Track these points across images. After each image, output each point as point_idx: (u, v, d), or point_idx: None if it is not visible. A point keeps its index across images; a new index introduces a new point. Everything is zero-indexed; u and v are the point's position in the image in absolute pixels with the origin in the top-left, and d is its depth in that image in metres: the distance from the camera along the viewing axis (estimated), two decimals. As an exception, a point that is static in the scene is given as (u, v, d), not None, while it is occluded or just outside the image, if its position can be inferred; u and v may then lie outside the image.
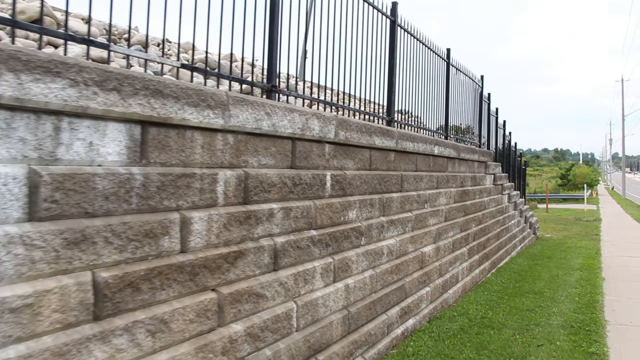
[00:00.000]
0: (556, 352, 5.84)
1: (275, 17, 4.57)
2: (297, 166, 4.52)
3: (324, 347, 4.60)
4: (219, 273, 3.52)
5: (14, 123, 2.41)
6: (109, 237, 2.79)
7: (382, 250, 5.90)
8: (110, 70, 2.78)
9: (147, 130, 3.07)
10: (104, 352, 2.71)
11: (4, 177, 2.35)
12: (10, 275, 2.35)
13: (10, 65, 2.33)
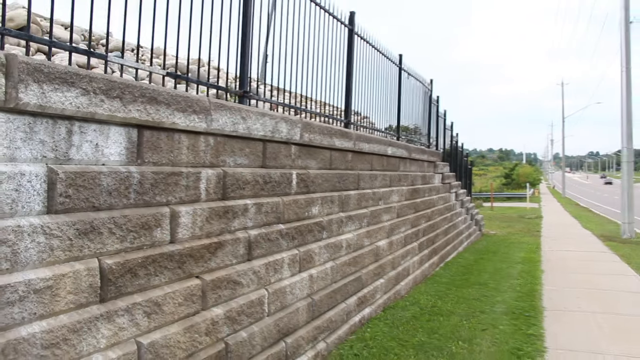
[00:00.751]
0: (499, 334, 6.54)
1: (247, 31, 5.02)
2: (267, 165, 4.99)
3: (292, 331, 5.10)
4: (202, 262, 3.96)
5: (35, 127, 2.80)
6: (112, 228, 3.20)
7: (342, 244, 6.44)
8: (114, 80, 3.19)
9: (142, 133, 3.48)
10: (109, 330, 3.11)
11: (28, 174, 2.73)
12: (34, 260, 2.74)
13: (35, 77, 2.72)
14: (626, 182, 17.97)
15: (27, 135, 2.76)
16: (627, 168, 17.94)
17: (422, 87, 12.53)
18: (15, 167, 2.67)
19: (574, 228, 21.63)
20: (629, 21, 17.59)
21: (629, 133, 17.90)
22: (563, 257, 13.30)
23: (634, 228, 18.03)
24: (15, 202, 2.67)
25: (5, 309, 2.56)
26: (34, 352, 2.66)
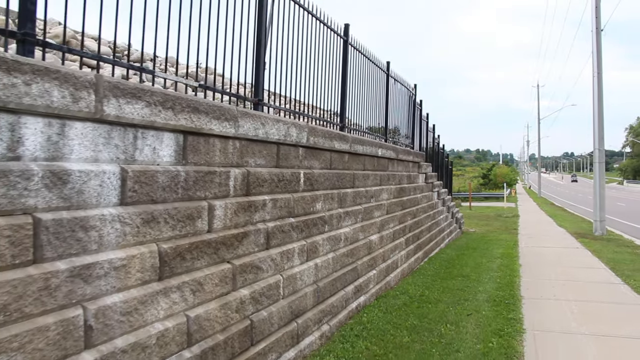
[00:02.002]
0: (482, 319, 7.29)
1: (261, 47, 5.68)
2: (280, 166, 5.66)
3: (301, 313, 5.77)
4: (232, 249, 4.61)
5: (112, 134, 3.43)
6: (167, 218, 3.84)
7: (340, 237, 7.13)
8: (168, 94, 3.83)
9: (187, 138, 4.13)
10: (166, 303, 3.76)
11: (108, 173, 3.37)
12: (113, 243, 3.37)
13: (114, 92, 3.35)
14: (598, 183, 19.00)
15: (106, 140, 3.39)
16: (598, 169, 18.96)
17: (407, 91, 13.31)
18: (99, 167, 3.30)
19: (550, 226, 22.66)
20: (600, 29, 18.62)
21: (600, 135, 18.93)
22: (539, 252, 14.19)
23: (605, 226, 19.06)
24: (100, 195, 3.30)
25: (96, 282, 3.19)
26: (115, 317, 3.30)
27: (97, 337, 3.18)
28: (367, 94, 9.67)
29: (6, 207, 2.73)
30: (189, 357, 3.90)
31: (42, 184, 2.91)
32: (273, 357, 5.06)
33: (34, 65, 2.83)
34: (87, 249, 3.18)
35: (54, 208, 2.99)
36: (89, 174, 3.21)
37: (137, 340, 3.45)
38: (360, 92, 9.23)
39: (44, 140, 2.97)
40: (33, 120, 2.89)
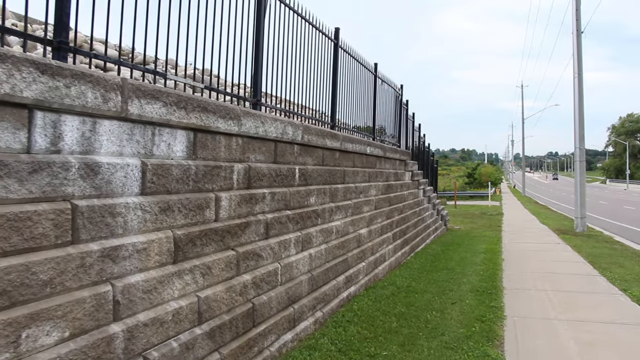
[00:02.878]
0: (466, 307, 7.80)
1: (260, 51, 6.12)
2: (277, 161, 6.11)
3: (297, 300, 6.23)
4: (236, 237, 5.06)
5: (134, 131, 3.86)
6: (180, 207, 4.28)
7: (332, 230, 7.60)
8: (181, 95, 4.27)
9: (196, 135, 4.57)
10: (180, 284, 4.19)
11: (131, 165, 3.80)
12: (135, 228, 3.80)
13: (136, 94, 3.79)
14: (579, 181, 19.69)
15: (129, 136, 3.82)
16: (579, 168, 19.66)
17: (394, 92, 13.82)
18: (123, 160, 3.73)
19: (532, 223, 23.36)
20: (580, 31, 19.30)
21: (581, 134, 19.62)
22: (521, 248, 14.79)
23: (585, 223, 19.75)
24: (124, 185, 3.73)
25: (122, 262, 3.62)
26: (138, 295, 3.73)
27: (123, 311, 3.61)
28: (356, 94, 10.15)
29: (50, 194, 3.15)
30: (199, 334, 4.34)
31: (78, 175, 3.34)
32: (272, 339, 5.51)
33: (73, 70, 3.26)
34: (115, 233, 3.61)
35: (87, 196, 3.42)
36: (116, 166, 3.64)
37: (156, 315, 3.88)
38: (349, 92, 9.70)
39: (79, 136, 3.39)
40: (71, 119, 3.32)
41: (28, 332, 2.91)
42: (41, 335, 2.99)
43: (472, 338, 6.27)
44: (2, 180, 2.85)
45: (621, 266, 11.55)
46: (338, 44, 8.81)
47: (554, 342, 6.22)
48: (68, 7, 3.51)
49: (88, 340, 3.28)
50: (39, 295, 3.02)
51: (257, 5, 6.12)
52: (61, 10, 3.49)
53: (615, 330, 6.71)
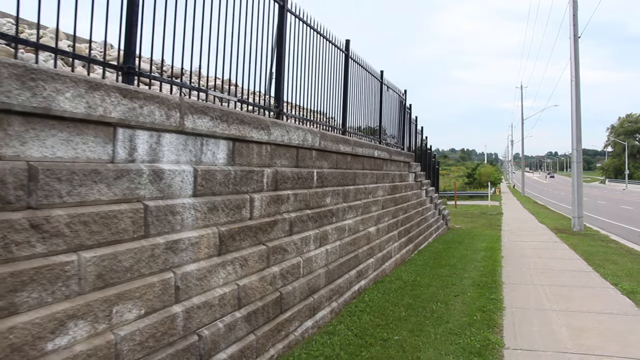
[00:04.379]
0: (468, 299, 8.50)
1: (282, 66, 6.82)
2: (299, 166, 6.80)
3: (316, 290, 6.93)
4: (266, 234, 5.75)
5: (188, 142, 4.56)
6: (223, 207, 4.97)
7: (345, 227, 8.30)
8: (224, 110, 4.97)
9: (235, 144, 5.26)
10: (223, 273, 4.89)
11: (186, 171, 4.49)
12: (189, 225, 4.50)
13: (190, 110, 4.48)
14: (576, 181, 20.41)
15: (184, 147, 4.52)
16: (576, 168, 20.37)
17: (398, 97, 14.52)
18: (180, 167, 4.43)
19: (531, 223, 24.08)
20: (577, 36, 20.01)
21: (578, 137, 20.34)
22: (520, 246, 15.50)
23: (583, 222, 20.47)
24: (181, 188, 4.43)
25: (180, 254, 4.32)
26: (192, 281, 4.43)
27: (182, 295, 4.31)
28: (364, 100, 10.85)
29: (128, 196, 3.85)
30: (239, 317, 5.04)
31: (147, 180, 4.03)
32: (296, 325, 6.21)
33: (145, 93, 3.96)
34: (174, 229, 4.31)
35: (154, 197, 4.11)
36: (175, 172, 4.34)
37: (207, 300, 4.58)
38: (358, 99, 10.40)
39: (148, 148, 4.09)
40: (142, 133, 4.01)
41: (116, 308, 3.61)
42: (125, 312, 3.69)
43: (474, 325, 6.97)
44: (96, 185, 3.54)
45: (614, 263, 12.26)
46: (349, 54, 9.51)
47: (548, 328, 6.92)
48: (135, 40, 4.20)
49: (157, 318, 3.98)
50: (122, 279, 3.72)
51: (279, 25, 6.82)
52: (129, 42, 4.19)
53: (604, 318, 7.41)
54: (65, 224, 3.29)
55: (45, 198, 3.18)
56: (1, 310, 2.86)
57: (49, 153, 3.25)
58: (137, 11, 4.19)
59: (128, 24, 4.17)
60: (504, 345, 6.23)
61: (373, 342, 6.20)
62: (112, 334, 3.55)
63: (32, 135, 3.14)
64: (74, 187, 3.37)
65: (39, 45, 3.50)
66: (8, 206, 2.97)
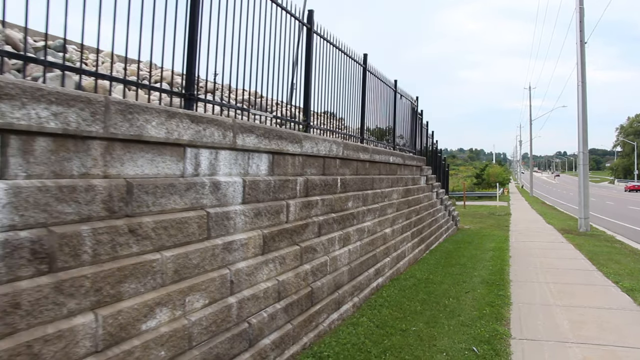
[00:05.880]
0: (477, 295, 9.23)
1: (310, 82, 7.58)
2: (325, 174, 7.56)
3: (340, 286, 7.68)
4: (299, 235, 6.52)
5: (238, 156, 5.33)
6: (265, 212, 5.74)
7: (364, 229, 9.05)
8: (267, 128, 5.74)
9: (274, 157, 6.03)
10: (266, 270, 5.66)
11: (237, 182, 5.26)
12: (240, 228, 5.26)
13: (240, 130, 5.25)
14: (582, 183, 21.05)
15: (235, 161, 5.29)
16: (582, 170, 21.01)
17: (410, 103, 15.26)
18: (232, 179, 5.20)
19: (539, 223, 24.74)
20: (583, 42, 20.65)
21: (584, 139, 20.98)
22: (527, 246, 16.20)
23: (589, 223, 21.12)
24: (233, 197, 5.20)
25: (233, 253, 5.09)
26: (243, 277, 5.20)
27: (235, 288, 5.08)
28: (379, 109, 11.60)
29: (195, 205, 4.62)
30: (279, 308, 5.80)
31: (208, 191, 4.81)
32: (324, 316, 6.97)
33: (208, 118, 4.73)
34: (229, 232, 5.08)
35: (214, 205, 4.88)
36: (228, 183, 5.11)
37: (254, 292, 5.35)
38: (374, 107, 11.16)
39: (208, 163, 4.86)
40: (204, 151, 4.79)
41: (188, 298, 4.39)
42: (195, 301, 4.47)
43: (484, 318, 7.71)
44: (172, 196, 4.32)
45: (617, 262, 12.94)
46: (366, 67, 10.27)
47: (552, 321, 7.65)
48: (194, 72, 4.98)
49: (217, 307, 4.75)
50: (192, 274, 4.49)
51: (307, 45, 7.59)
52: (190, 74, 4.97)
53: (603, 313, 8.13)
54: (152, 228, 4.07)
55: (138, 208, 3.96)
56: (112, 297, 3.64)
57: (139, 171, 4.03)
58: (196, 51, 4.97)
59: (189, 62, 4.95)
60: (510, 336, 6.96)
61: (393, 332, 6.95)
62: (185, 319, 4.33)
63: (128, 157, 3.91)
64: (157, 199, 4.15)
65: (126, 81, 4.28)
66: (113, 215, 3.75)
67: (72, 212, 3.42)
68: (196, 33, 4.97)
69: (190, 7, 4.92)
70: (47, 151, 3.28)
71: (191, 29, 4.94)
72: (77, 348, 3.33)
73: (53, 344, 3.15)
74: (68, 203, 3.38)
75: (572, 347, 6.52)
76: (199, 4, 4.97)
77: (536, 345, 6.60)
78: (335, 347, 6.30)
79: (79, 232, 3.43)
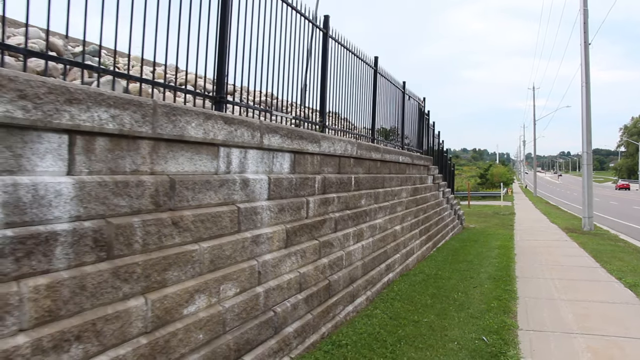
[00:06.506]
0: (485, 290, 9.59)
1: (325, 84, 7.95)
2: (340, 172, 7.93)
3: (355, 280, 8.05)
4: (318, 230, 6.89)
5: (264, 155, 5.69)
6: (288, 208, 6.11)
7: (376, 226, 9.41)
8: (289, 129, 6.11)
9: (295, 156, 6.40)
10: (289, 262, 6.02)
11: (263, 179, 5.63)
12: (266, 223, 5.63)
13: (266, 131, 5.62)
14: (586, 183, 21.38)
15: (261, 159, 5.66)
16: (586, 170, 21.35)
17: (417, 104, 15.62)
18: (258, 176, 5.57)
19: (543, 223, 25.06)
20: (587, 43, 20.98)
21: (588, 140, 21.31)
22: (532, 245, 16.54)
23: (592, 222, 21.44)
24: (260, 193, 5.57)
25: (260, 246, 5.46)
26: (269, 268, 5.57)
27: (262, 278, 5.45)
28: (389, 109, 11.97)
29: (227, 200, 4.99)
30: (300, 299, 6.17)
31: (239, 187, 5.18)
32: (340, 308, 7.34)
33: (239, 119, 5.10)
34: (256, 226, 5.45)
35: (243, 201, 5.25)
36: (256, 180, 5.48)
37: (279, 283, 5.72)
38: (384, 108, 11.52)
39: (238, 162, 5.23)
40: (235, 150, 5.16)
41: (222, 286, 4.76)
42: (227, 290, 4.84)
43: (492, 311, 8.07)
44: (208, 192, 4.69)
45: (621, 260, 13.27)
46: (377, 70, 10.64)
47: (556, 314, 8.01)
48: (224, 77, 5.36)
49: (247, 296, 5.13)
50: (225, 265, 4.86)
51: (324, 49, 7.95)
52: (220, 79, 5.34)
53: (606, 307, 8.48)
54: (191, 221, 4.44)
55: (179, 202, 4.34)
56: (158, 283, 4.02)
57: (180, 169, 4.40)
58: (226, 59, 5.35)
59: (219, 68, 5.32)
60: (518, 327, 7.31)
61: (406, 323, 7.31)
62: (220, 306, 4.70)
63: (170, 156, 4.29)
64: (195, 194, 4.52)
65: (166, 86, 4.66)
66: (159, 208, 4.12)
67: (126, 205, 3.79)
68: (225, 43, 5.34)
69: (220, 21, 5.30)
70: (105, 150, 3.66)
71: (221, 40, 5.32)
72: (131, 328, 3.70)
73: (112, 323, 3.53)
74: (122, 197, 3.76)
75: (577, 337, 6.87)
76: (228, 21, 5.35)
77: (542, 336, 6.96)
78: (352, 336, 6.66)
79: (131, 223, 3.80)
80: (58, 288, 3.18)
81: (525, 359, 6.10)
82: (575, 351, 6.37)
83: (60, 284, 3.19)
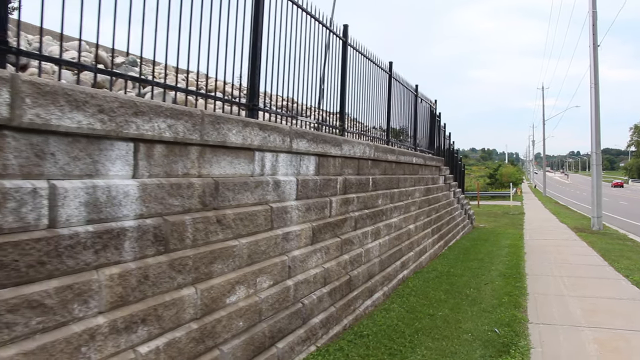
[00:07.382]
0: (496, 286, 10.02)
1: (345, 88, 8.41)
2: (359, 173, 8.38)
3: (373, 276, 8.51)
4: (340, 228, 7.35)
5: (292, 159, 6.16)
6: (313, 207, 6.57)
7: (392, 225, 9.86)
8: (316, 133, 6.57)
9: (319, 158, 6.86)
10: (315, 258, 6.49)
11: (292, 181, 6.09)
12: (295, 221, 6.10)
13: (295, 136, 6.08)
14: (595, 183, 21.72)
15: (290, 162, 6.12)
16: (595, 171, 21.69)
17: (429, 106, 16.05)
18: (288, 178, 6.04)
19: (552, 222, 25.41)
20: (596, 45, 21.31)
21: (597, 140, 21.64)
22: (541, 244, 16.93)
23: (602, 221, 21.77)
24: (290, 194, 6.04)
25: (290, 242, 5.93)
26: (297, 263, 6.03)
27: (291, 272, 5.92)
28: (401, 113, 12.41)
29: (261, 201, 5.46)
30: (325, 292, 6.64)
31: (271, 188, 5.65)
32: (360, 302, 7.80)
33: (271, 126, 5.57)
34: (286, 224, 5.91)
35: (275, 201, 5.72)
36: (286, 182, 5.95)
37: (306, 277, 6.19)
38: (397, 112, 11.97)
39: (271, 165, 5.70)
40: (268, 154, 5.63)
41: (258, 279, 5.23)
42: (263, 282, 5.31)
43: (503, 306, 8.50)
44: (245, 193, 5.16)
45: (629, 259, 13.64)
46: (391, 75, 11.09)
47: (565, 309, 8.43)
48: (256, 87, 5.83)
49: (278, 288, 5.60)
50: (260, 259, 5.33)
51: (343, 56, 8.41)
52: (252, 88, 5.82)
53: (613, 303, 8.89)
54: (232, 219, 4.91)
55: (222, 202, 4.81)
56: (206, 275, 4.49)
57: (222, 172, 4.88)
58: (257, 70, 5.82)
59: (251, 78, 5.80)
60: (528, 320, 7.75)
61: (422, 317, 7.76)
62: (257, 297, 5.17)
63: (214, 160, 4.76)
64: (235, 194, 5.00)
65: (207, 96, 5.14)
66: (205, 207, 4.59)
67: (178, 204, 4.27)
68: (257, 55, 5.81)
69: (252, 38, 5.78)
70: (162, 155, 4.14)
71: (253, 53, 5.79)
72: (184, 314, 4.18)
73: (169, 310, 4.01)
74: (175, 197, 4.23)
75: (585, 330, 7.29)
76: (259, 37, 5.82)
77: (551, 329, 7.39)
78: (372, 327, 7.12)
79: (183, 220, 4.28)
80: (127, 277, 3.66)
81: (535, 349, 6.53)
82: (582, 342, 6.80)
83: (129, 274, 3.67)
